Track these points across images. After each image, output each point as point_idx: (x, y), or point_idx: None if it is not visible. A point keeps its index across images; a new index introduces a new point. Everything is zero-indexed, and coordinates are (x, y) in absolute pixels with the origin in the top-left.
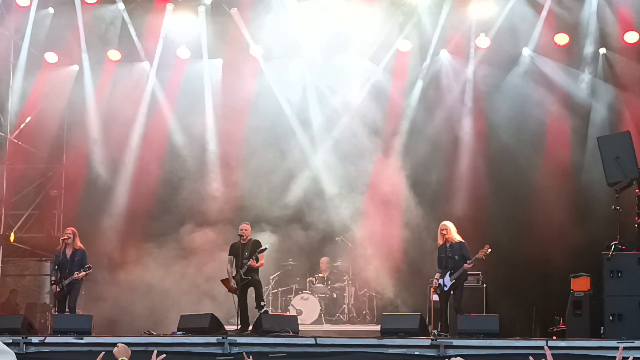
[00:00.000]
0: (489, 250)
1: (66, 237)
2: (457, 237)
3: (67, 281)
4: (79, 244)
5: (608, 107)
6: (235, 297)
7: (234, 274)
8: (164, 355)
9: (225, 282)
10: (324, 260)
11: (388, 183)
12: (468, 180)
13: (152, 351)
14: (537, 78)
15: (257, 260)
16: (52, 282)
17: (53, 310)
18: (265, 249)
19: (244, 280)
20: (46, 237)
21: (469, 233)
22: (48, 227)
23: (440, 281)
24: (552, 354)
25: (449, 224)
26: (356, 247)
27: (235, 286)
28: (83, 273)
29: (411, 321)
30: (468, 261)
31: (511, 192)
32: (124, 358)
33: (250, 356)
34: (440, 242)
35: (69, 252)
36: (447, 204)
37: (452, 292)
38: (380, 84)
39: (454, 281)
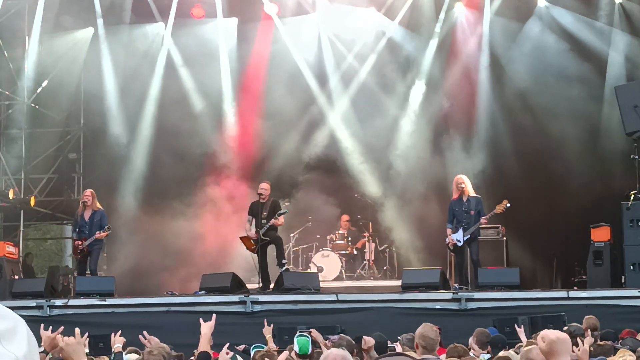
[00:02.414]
0: (508, 204)
1: (85, 199)
2: (473, 192)
3: (87, 242)
4: (97, 205)
5: (625, 56)
6: (255, 255)
7: (253, 234)
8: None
9: (244, 240)
10: (344, 217)
11: (405, 139)
12: (486, 133)
13: (172, 311)
14: (553, 28)
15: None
16: (74, 243)
17: (75, 273)
18: (286, 212)
19: (263, 240)
20: (66, 200)
21: (487, 186)
22: (68, 190)
23: (454, 237)
24: (573, 305)
25: (465, 177)
26: (376, 203)
27: (254, 245)
28: (104, 233)
29: (432, 275)
30: (485, 217)
31: (529, 144)
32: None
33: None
34: (455, 196)
35: (87, 213)
36: (465, 158)
37: (468, 246)
38: (395, 38)
39: (468, 236)
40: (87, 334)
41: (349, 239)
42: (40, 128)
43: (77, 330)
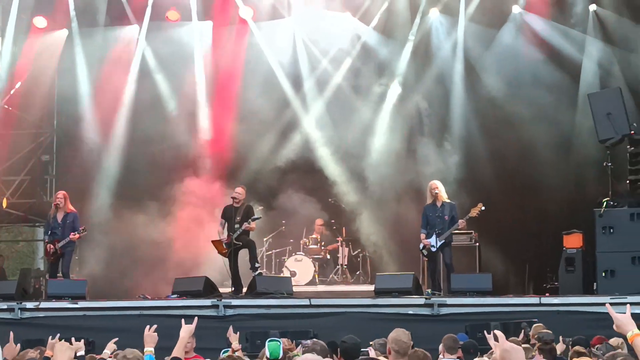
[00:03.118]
0: (483, 207)
1: (58, 202)
2: (447, 197)
3: (60, 244)
4: (70, 207)
5: (598, 63)
6: (227, 260)
7: (225, 237)
8: (155, 326)
9: (216, 244)
10: (318, 221)
11: (379, 143)
12: (460, 139)
13: (144, 315)
14: (528, 35)
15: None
16: (46, 245)
17: (47, 276)
18: (260, 217)
19: (236, 245)
20: (39, 202)
21: (461, 192)
22: (40, 192)
23: (428, 241)
24: (545, 311)
25: (439, 183)
26: (349, 208)
27: (226, 249)
28: (77, 235)
29: (405, 280)
30: (462, 220)
31: (503, 149)
32: None
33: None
34: (429, 201)
35: (60, 215)
36: (439, 163)
37: (440, 252)
38: (370, 43)
39: (442, 241)
40: (57, 335)
41: (322, 243)
42: (13, 130)
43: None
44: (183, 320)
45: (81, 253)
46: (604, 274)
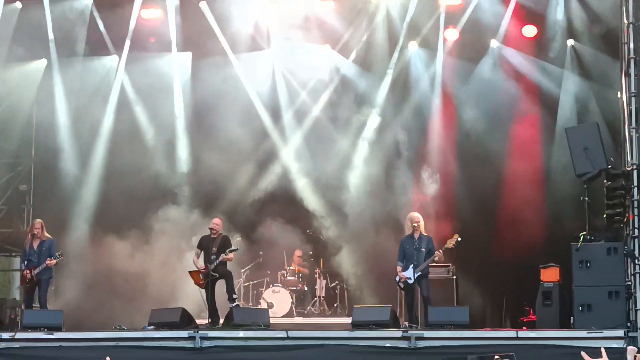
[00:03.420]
0: (459, 239)
1: (35, 231)
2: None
3: (37, 270)
4: (46, 235)
5: (575, 98)
6: (203, 290)
7: (202, 268)
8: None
9: (193, 274)
10: (296, 252)
11: (357, 174)
12: (438, 171)
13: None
14: (506, 70)
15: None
16: (22, 272)
17: (23, 306)
18: (237, 249)
19: (213, 276)
20: (15, 232)
21: (438, 224)
22: (17, 222)
23: (405, 274)
24: (522, 345)
25: (419, 216)
26: (327, 239)
27: (203, 279)
28: (54, 261)
29: (382, 313)
30: (438, 251)
31: (481, 182)
32: None
33: None
34: (407, 232)
35: (36, 243)
36: (417, 194)
37: (418, 284)
38: (349, 75)
39: (420, 273)
40: None
41: (300, 275)
42: None
43: None
44: None
45: (57, 283)
46: (580, 308)
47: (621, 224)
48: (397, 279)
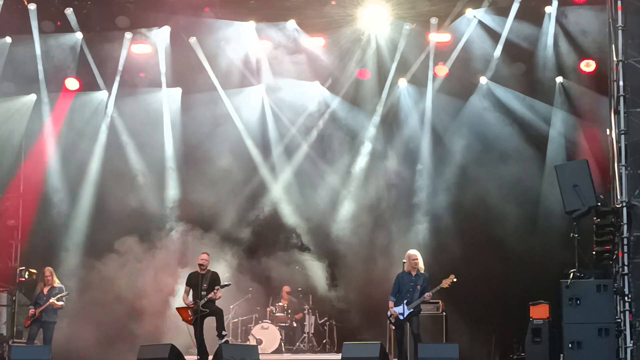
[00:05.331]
0: (455, 279)
1: (47, 280)
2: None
3: (40, 308)
4: (56, 281)
5: (565, 135)
6: (191, 327)
7: (191, 305)
8: None
9: (181, 311)
10: (285, 288)
11: (347, 211)
12: (426, 208)
13: None
14: (495, 106)
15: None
16: (29, 311)
17: (11, 341)
18: (229, 284)
19: (202, 312)
20: (3, 267)
21: (428, 260)
22: (5, 257)
23: (397, 310)
24: None
25: (418, 254)
26: (316, 276)
27: (191, 316)
28: (60, 304)
29: (372, 350)
30: (430, 292)
31: (470, 220)
32: None
33: None
34: (406, 269)
35: (46, 289)
36: (407, 231)
37: (408, 321)
38: (339, 111)
39: (412, 310)
40: None
41: (289, 311)
42: None
43: None
44: None
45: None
46: (570, 346)
47: (610, 260)
48: (389, 314)
